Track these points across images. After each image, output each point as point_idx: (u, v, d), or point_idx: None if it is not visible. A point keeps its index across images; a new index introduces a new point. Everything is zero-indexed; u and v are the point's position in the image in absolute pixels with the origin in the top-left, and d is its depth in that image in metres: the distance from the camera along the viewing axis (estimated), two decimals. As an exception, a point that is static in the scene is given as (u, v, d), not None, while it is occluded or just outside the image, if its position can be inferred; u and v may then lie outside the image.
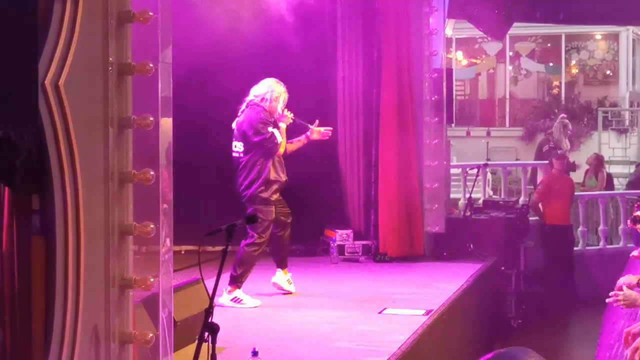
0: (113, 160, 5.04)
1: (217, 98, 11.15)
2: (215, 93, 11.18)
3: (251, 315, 8.51)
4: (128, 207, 5.15)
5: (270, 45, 11.44)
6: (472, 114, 28.68)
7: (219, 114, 11.27)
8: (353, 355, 7.11)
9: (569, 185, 14.76)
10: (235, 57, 11.33)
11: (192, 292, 7.02)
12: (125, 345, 5.16)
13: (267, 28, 11.26)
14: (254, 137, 8.89)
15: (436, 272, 10.85)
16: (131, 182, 5.14)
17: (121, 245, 5.10)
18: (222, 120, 11.34)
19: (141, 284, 5.18)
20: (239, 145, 9.02)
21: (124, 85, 5.12)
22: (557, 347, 11.63)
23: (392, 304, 8.92)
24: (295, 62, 11.57)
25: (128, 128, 5.13)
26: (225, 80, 11.14)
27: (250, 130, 8.89)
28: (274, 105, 9.02)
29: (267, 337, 7.55)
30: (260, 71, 11.32)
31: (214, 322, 4.80)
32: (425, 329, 7.95)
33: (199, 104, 11.08)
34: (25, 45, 4.44)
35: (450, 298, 9.23)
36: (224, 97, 11.25)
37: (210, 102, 11.21)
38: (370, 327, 8.08)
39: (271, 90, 9.03)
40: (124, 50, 5.12)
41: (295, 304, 9.06)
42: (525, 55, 28.47)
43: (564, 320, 13.58)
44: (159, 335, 5.36)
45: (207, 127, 11.25)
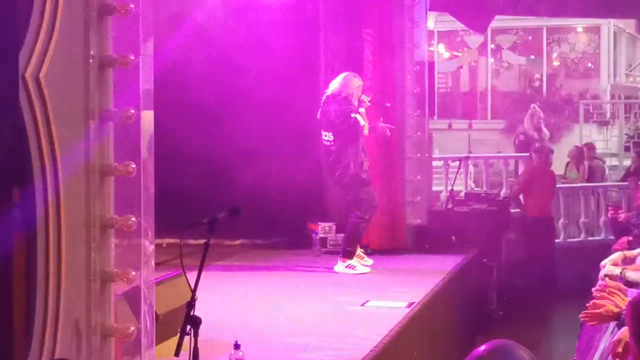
0: (94, 153, 5.03)
1: (200, 92, 11.16)
2: (198, 87, 11.18)
3: (234, 307, 8.50)
4: (109, 200, 5.13)
5: (252, 38, 11.44)
6: (454, 106, 28.72)
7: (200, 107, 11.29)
8: (336, 347, 7.11)
9: (550, 178, 14.80)
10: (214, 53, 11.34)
11: (174, 285, 7.00)
12: (106, 339, 5.15)
13: (249, 22, 11.27)
14: (341, 126, 9.91)
15: (418, 264, 10.86)
16: (112, 175, 5.13)
17: (102, 238, 5.09)
18: (203, 113, 11.37)
19: (123, 277, 5.17)
20: (329, 135, 10.07)
21: (105, 77, 5.11)
22: (538, 338, 11.66)
23: (374, 297, 8.93)
24: (276, 53, 11.59)
25: (109, 121, 5.11)
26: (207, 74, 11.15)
27: (337, 120, 9.95)
28: (351, 93, 10.01)
29: (250, 329, 7.55)
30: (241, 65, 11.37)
31: (196, 315, 4.80)
32: (408, 321, 7.96)
33: (181, 98, 11.06)
34: (6, 37, 4.42)
35: (432, 290, 9.24)
36: (206, 91, 11.27)
37: (192, 96, 11.20)
38: (353, 319, 8.08)
39: (346, 82, 10.06)
40: (105, 43, 5.10)
41: (277, 296, 9.06)
42: (507, 48, 28.52)
43: (545, 312, 13.63)
44: (141, 329, 5.35)
45: (188, 120, 11.24)
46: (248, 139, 11.48)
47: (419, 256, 11.45)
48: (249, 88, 11.41)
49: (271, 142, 11.59)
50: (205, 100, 11.23)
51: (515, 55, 28.65)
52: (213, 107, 11.31)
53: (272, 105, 11.53)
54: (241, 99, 11.42)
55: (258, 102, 11.44)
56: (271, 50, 11.60)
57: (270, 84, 11.45)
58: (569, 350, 9.98)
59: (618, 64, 28.69)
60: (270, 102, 11.52)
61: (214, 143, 11.36)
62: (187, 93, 11.15)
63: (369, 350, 6.94)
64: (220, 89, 11.28)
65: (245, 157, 11.36)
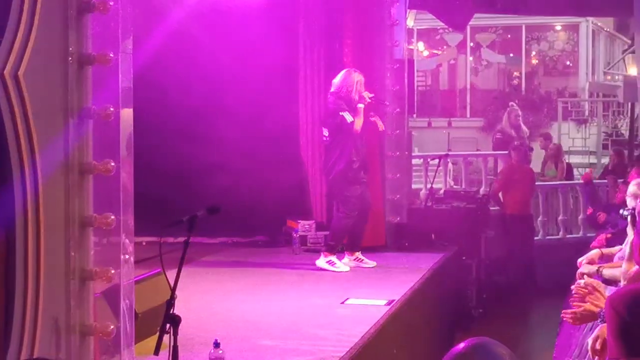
0: (73, 151, 5.02)
1: (179, 91, 11.15)
2: (177, 86, 11.17)
3: (213, 306, 8.49)
4: (88, 198, 5.12)
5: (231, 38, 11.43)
6: (433, 104, 28.74)
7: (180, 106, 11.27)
8: (315, 345, 7.12)
9: (529, 175, 14.84)
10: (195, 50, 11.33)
11: (153, 283, 6.98)
12: (86, 337, 5.14)
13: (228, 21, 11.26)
14: (329, 125, 10.22)
15: (398, 262, 10.88)
16: (91, 173, 5.12)
17: (82, 236, 5.08)
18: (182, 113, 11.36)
19: (102, 275, 5.16)
20: (325, 131, 10.36)
21: (84, 75, 5.10)
22: (517, 335, 11.70)
23: (354, 294, 8.94)
24: (255, 54, 11.58)
25: (88, 119, 5.10)
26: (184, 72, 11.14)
27: (326, 117, 10.43)
28: (351, 89, 10.10)
29: (230, 328, 7.55)
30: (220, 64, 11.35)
31: (175, 313, 4.79)
32: (387, 318, 7.97)
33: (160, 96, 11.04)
34: (-16, 35, 4.40)
35: (411, 288, 9.26)
36: (185, 90, 11.25)
37: (172, 95, 11.18)
38: (332, 317, 8.09)
39: (345, 78, 10.18)
40: (84, 41, 5.09)
41: (257, 294, 9.06)
42: (486, 46, 28.58)
43: (524, 309, 13.67)
44: (120, 327, 5.34)
45: (167, 119, 11.24)
46: (229, 139, 11.47)
47: (399, 254, 11.46)
48: (229, 91, 11.39)
49: (252, 142, 11.59)
50: (185, 102, 11.23)
51: (494, 54, 28.71)
52: (194, 107, 11.31)
53: (253, 105, 11.53)
54: (221, 103, 11.40)
55: (239, 104, 11.42)
56: (250, 50, 11.60)
57: (251, 85, 11.45)
58: (548, 347, 10.03)
59: (596, 62, 28.79)
60: (252, 102, 11.51)
61: (195, 142, 11.35)
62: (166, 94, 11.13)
63: (348, 348, 6.94)
64: (200, 92, 11.27)
65: (225, 156, 11.34)
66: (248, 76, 11.48)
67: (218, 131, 11.49)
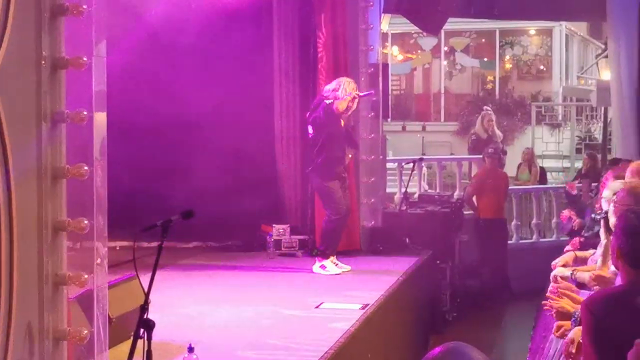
0: (46, 155, 4.99)
1: (153, 95, 11.12)
2: (151, 89, 11.15)
3: (188, 310, 8.47)
4: (62, 202, 5.10)
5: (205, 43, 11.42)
6: (408, 108, 28.82)
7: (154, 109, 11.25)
8: (290, 349, 7.12)
9: (502, 180, 14.89)
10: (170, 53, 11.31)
11: (127, 288, 6.96)
12: (59, 342, 5.11)
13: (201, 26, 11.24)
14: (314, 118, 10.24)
15: (372, 266, 10.88)
16: (65, 177, 5.09)
17: (55, 241, 5.05)
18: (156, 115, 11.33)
19: (75, 280, 5.13)
20: (310, 128, 10.36)
21: (58, 79, 5.07)
22: (491, 339, 11.74)
23: (328, 299, 8.94)
24: (230, 59, 11.58)
25: (61, 123, 5.08)
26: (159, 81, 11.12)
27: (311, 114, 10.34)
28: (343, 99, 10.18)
29: (204, 332, 7.53)
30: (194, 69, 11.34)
31: (149, 318, 4.78)
32: (362, 323, 7.97)
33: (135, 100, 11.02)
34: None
35: (386, 292, 9.27)
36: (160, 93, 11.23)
37: (146, 98, 11.16)
38: (307, 321, 8.09)
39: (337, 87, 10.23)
40: (57, 44, 5.07)
41: (232, 298, 9.04)
42: (460, 50, 28.69)
43: (498, 313, 13.72)
44: (94, 332, 5.32)
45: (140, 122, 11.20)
46: (203, 143, 11.46)
47: (373, 258, 11.47)
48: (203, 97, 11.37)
49: (226, 146, 11.57)
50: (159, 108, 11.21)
51: (469, 58, 28.83)
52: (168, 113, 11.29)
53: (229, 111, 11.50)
54: (195, 109, 11.38)
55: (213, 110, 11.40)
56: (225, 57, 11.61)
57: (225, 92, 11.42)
58: (521, 351, 10.07)
59: (570, 67, 28.96)
60: (227, 108, 11.49)
61: (169, 147, 11.33)
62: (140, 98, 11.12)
63: (323, 352, 6.94)
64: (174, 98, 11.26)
65: (199, 160, 11.33)
66: (223, 83, 11.46)
67: (192, 136, 11.49)
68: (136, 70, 10.88)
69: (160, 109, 11.31)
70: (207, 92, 11.38)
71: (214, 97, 11.38)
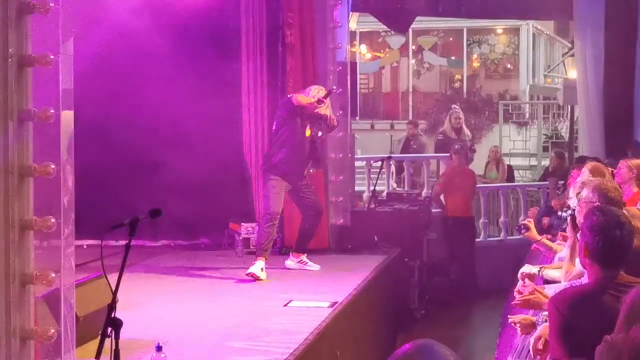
0: (13, 153, 4.96)
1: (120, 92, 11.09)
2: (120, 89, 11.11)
3: (156, 309, 8.45)
4: (28, 201, 5.07)
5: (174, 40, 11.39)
6: (376, 107, 28.86)
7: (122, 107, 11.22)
8: (259, 347, 7.11)
9: (470, 178, 14.94)
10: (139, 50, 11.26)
11: (94, 287, 6.94)
12: (26, 342, 5.08)
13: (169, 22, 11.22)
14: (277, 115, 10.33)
15: (341, 264, 10.89)
16: (31, 175, 5.06)
17: (22, 240, 5.02)
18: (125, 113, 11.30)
19: (42, 279, 5.10)
20: (274, 125, 10.35)
21: (24, 77, 5.04)
22: (459, 337, 11.78)
23: (297, 297, 8.94)
24: (197, 56, 11.55)
25: (28, 121, 5.05)
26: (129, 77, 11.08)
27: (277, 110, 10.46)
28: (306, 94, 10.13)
29: (172, 331, 7.51)
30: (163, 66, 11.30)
31: (117, 317, 4.76)
32: (331, 320, 7.98)
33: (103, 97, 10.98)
34: None
35: (354, 290, 9.28)
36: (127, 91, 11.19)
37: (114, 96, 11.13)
38: (276, 319, 8.08)
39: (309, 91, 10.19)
40: (24, 42, 5.04)
41: (200, 297, 9.03)
42: (428, 49, 28.77)
43: (466, 310, 13.77)
44: (61, 331, 5.30)
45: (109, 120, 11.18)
46: (171, 141, 11.43)
47: (342, 256, 11.49)
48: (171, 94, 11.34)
49: (194, 144, 11.55)
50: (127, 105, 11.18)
51: (436, 56, 28.90)
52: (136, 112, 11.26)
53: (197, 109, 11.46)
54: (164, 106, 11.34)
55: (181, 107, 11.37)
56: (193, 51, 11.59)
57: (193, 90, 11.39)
58: (489, 348, 10.11)
59: (537, 65, 29.10)
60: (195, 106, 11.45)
61: (137, 145, 11.28)
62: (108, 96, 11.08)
63: (292, 349, 6.94)
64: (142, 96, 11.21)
65: (167, 159, 11.29)
66: (191, 82, 11.42)
67: (161, 134, 11.45)
68: (103, 66, 10.83)
69: (128, 107, 11.29)
70: (175, 90, 11.35)
71: (181, 96, 11.36)
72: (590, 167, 8.31)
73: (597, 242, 4.48)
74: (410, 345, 2.58)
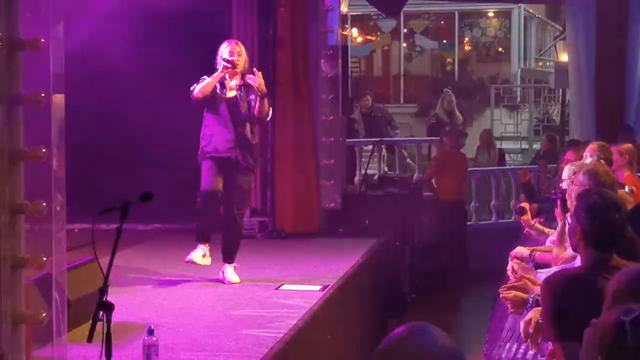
0: (3, 137, 4.95)
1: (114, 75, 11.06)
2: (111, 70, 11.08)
3: (147, 293, 8.46)
4: (19, 185, 5.06)
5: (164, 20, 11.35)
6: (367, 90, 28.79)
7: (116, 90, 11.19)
8: (250, 330, 7.12)
9: (461, 161, 14.95)
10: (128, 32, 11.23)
11: (86, 271, 6.94)
12: (17, 326, 5.08)
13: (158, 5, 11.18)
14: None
15: (332, 247, 10.91)
16: (22, 159, 5.05)
17: (13, 224, 5.01)
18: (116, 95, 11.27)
19: (34, 263, 5.10)
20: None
21: (15, 60, 5.03)
22: (450, 321, 11.80)
23: (288, 280, 8.95)
24: (187, 38, 11.51)
25: (19, 105, 5.04)
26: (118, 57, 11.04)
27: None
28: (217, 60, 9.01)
29: (164, 314, 7.52)
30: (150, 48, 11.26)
31: (108, 300, 4.76)
32: (322, 304, 7.99)
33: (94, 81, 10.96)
34: None
35: (345, 273, 9.29)
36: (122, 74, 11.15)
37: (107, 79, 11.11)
38: (266, 302, 8.10)
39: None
40: (14, 26, 5.02)
41: (191, 280, 9.03)
42: (419, 32, 28.69)
43: (457, 294, 13.79)
44: (52, 315, 5.30)
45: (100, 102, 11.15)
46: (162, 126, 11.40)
47: (333, 240, 11.50)
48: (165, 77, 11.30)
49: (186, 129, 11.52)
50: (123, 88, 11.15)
51: (428, 40, 28.84)
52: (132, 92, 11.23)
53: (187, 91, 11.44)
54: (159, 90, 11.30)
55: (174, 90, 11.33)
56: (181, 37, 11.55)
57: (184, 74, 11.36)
58: (480, 332, 10.13)
59: (528, 49, 29.05)
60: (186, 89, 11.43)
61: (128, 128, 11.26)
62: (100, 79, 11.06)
63: (283, 333, 6.95)
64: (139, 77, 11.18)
65: (159, 142, 11.27)
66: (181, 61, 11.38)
67: (154, 118, 11.41)
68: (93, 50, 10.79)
69: (121, 90, 11.26)
70: (166, 69, 11.30)
71: (172, 75, 11.31)
72: (594, 146, 8.31)
73: (593, 225, 4.48)
74: (405, 327, 2.58)
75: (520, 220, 8.25)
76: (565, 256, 6.27)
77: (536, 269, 6.43)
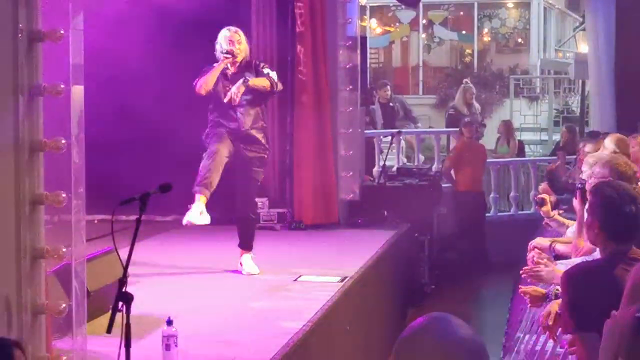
0: (23, 128, 4.97)
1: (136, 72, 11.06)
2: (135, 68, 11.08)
3: (167, 283, 8.48)
4: (39, 176, 5.08)
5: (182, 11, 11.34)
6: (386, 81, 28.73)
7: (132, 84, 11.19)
8: (270, 322, 7.13)
9: (480, 152, 14.92)
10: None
11: (105, 261, 6.95)
12: (37, 316, 5.10)
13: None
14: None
15: (351, 239, 10.91)
16: (42, 150, 5.07)
17: (32, 215, 5.03)
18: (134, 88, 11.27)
19: (53, 254, 5.12)
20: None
21: (35, 52, 5.04)
22: (469, 312, 11.79)
23: (307, 271, 8.94)
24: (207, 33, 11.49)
25: (39, 96, 5.05)
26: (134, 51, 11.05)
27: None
28: (217, 49, 9.02)
29: (183, 305, 7.52)
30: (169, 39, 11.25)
31: (128, 291, 4.77)
32: (341, 295, 7.99)
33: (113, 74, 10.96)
34: None
35: (365, 265, 9.29)
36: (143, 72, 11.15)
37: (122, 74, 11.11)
38: (286, 294, 8.11)
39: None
40: (34, 17, 5.03)
41: (210, 271, 9.05)
42: (438, 23, 28.61)
43: (476, 285, 13.78)
44: (72, 306, 5.31)
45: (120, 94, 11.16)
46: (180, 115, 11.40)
47: (352, 231, 11.49)
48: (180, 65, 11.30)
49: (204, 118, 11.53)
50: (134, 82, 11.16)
51: (447, 31, 28.75)
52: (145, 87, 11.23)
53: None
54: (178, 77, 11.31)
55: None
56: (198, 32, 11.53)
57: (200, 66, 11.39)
58: (499, 323, 10.13)
59: (548, 40, 28.93)
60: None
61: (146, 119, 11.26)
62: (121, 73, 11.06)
63: (302, 324, 6.96)
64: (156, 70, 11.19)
65: (176, 133, 11.27)
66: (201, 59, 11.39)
67: (172, 109, 11.41)
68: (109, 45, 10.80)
69: (136, 83, 11.26)
70: (183, 63, 11.30)
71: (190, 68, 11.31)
72: (615, 138, 8.28)
73: (608, 218, 4.47)
74: (425, 317, 2.59)
75: (540, 212, 8.21)
76: (585, 248, 6.25)
77: (556, 260, 6.41)
